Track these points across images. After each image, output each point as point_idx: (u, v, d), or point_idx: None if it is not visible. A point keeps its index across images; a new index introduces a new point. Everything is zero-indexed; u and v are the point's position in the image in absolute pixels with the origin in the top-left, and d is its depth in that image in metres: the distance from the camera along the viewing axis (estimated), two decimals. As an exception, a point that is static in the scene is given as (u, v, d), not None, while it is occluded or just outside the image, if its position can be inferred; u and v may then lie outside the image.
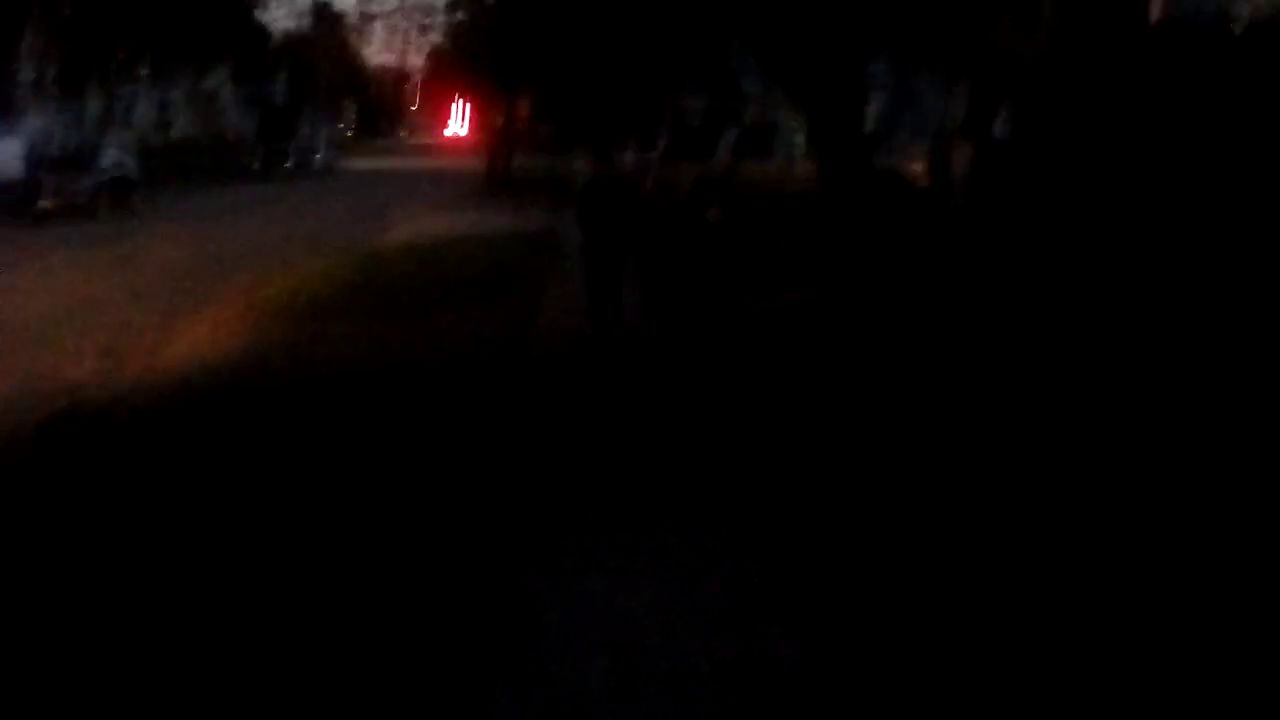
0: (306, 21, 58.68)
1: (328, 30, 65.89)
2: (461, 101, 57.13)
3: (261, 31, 53.70)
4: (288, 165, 45.72)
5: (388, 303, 13.27)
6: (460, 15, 35.56)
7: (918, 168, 22.13)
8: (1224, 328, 8.75)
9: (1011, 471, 6.33)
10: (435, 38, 48.16)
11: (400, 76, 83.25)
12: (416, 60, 72.56)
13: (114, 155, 30.53)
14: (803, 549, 5.35)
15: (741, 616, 4.65)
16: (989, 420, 7.37)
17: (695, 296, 12.30)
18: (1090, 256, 11.66)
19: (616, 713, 3.91)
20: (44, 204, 26.41)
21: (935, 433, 7.16)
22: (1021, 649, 4.28)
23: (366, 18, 41.23)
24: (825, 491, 6.17)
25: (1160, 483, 6.00)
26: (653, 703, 3.97)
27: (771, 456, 6.84)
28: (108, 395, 9.12)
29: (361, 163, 52.87)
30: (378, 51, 71.20)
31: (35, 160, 31.25)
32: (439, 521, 5.85)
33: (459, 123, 73.36)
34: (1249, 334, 8.49)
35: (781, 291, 12.67)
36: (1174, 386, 7.70)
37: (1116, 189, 12.22)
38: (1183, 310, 9.38)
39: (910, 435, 7.13)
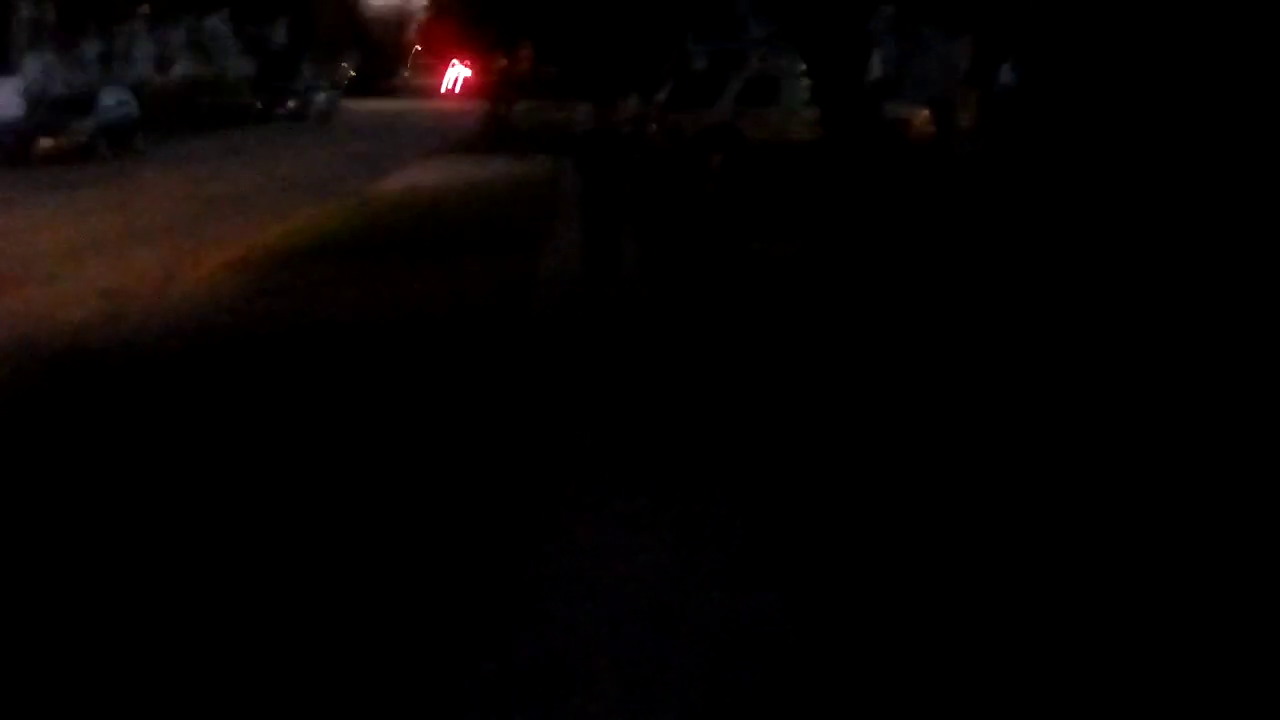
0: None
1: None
2: (463, 45, 56.63)
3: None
4: (289, 107, 45.31)
5: (381, 258, 13.19)
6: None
7: (924, 116, 21.99)
8: (1230, 282, 8.71)
9: (1007, 428, 6.31)
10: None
11: (403, 17, 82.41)
12: (418, 2, 71.79)
13: (115, 96, 30.31)
14: (795, 509, 5.34)
15: (733, 575, 4.65)
16: (983, 371, 7.35)
17: (696, 244, 12.25)
18: (1097, 204, 11.60)
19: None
20: (44, 145, 26.26)
21: (931, 386, 7.14)
22: (1008, 620, 4.28)
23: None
24: (817, 448, 6.16)
25: (1158, 427, 5.99)
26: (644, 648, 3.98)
27: (766, 413, 6.82)
28: (107, 337, 9.12)
29: (363, 105, 52.52)
30: (379, -7, 70.44)
31: (34, 101, 31.09)
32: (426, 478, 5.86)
33: (461, 66, 72.70)
34: (1253, 286, 8.45)
35: (783, 238, 12.61)
36: (1177, 342, 7.67)
37: (1123, 136, 12.13)
38: (1189, 261, 9.34)
39: (905, 389, 7.11)
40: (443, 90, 71.59)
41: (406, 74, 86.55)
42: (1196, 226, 9.89)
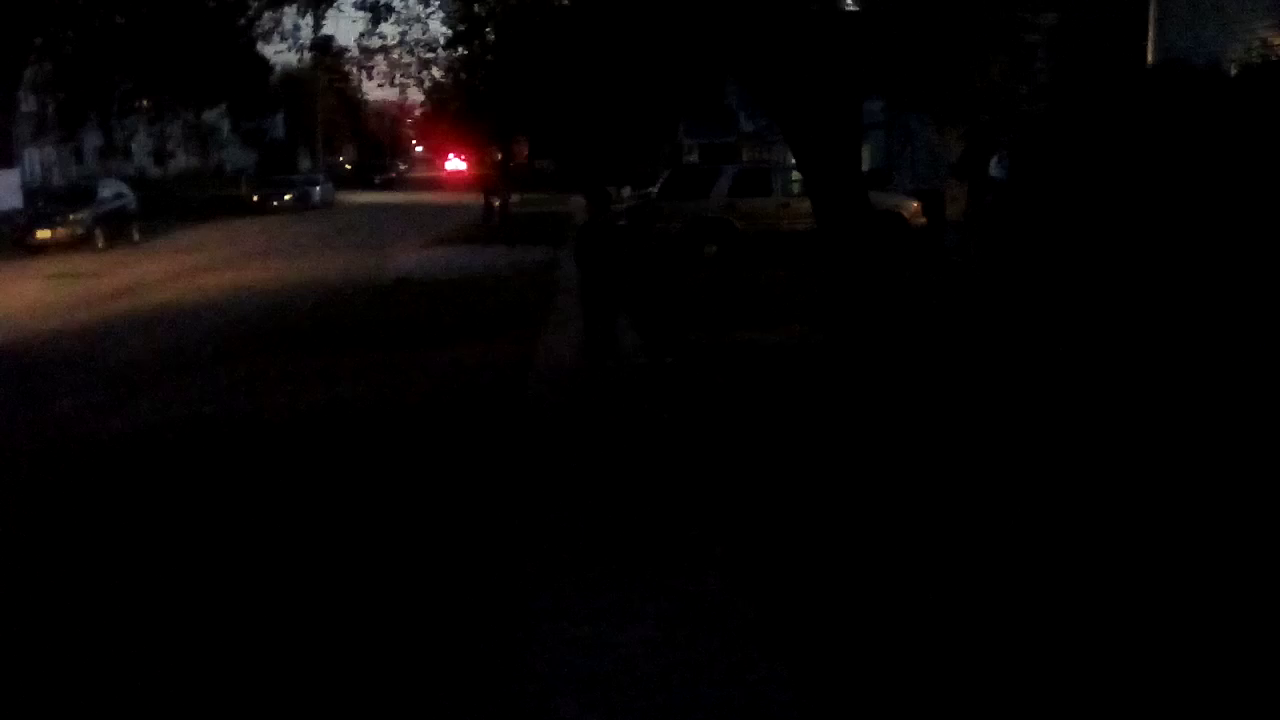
0: (308, 56, 58.97)
1: (328, 65, 66.21)
2: (461, 138, 57.37)
3: (262, 66, 53.95)
4: (286, 199, 45.75)
5: (382, 340, 13.24)
6: (460, 51, 35.81)
7: (914, 207, 22.24)
8: (1217, 368, 8.75)
9: (1000, 509, 6.29)
10: (436, 73, 48.47)
11: (400, 112, 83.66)
12: (417, 96, 72.94)
13: (113, 188, 30.68)
14: (791, 586, 5.30)
15: (733, 656, 4.60)
16: (983, 457, 7.35)
17: (691, 331, 12.31)
18: (1085, 296, 11.68)
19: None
20: (42, 234, 26.50)
21: (928, 469, 7.12)
22: (1025, 696, 4.24)
23: (368, 52, 41.32)
24: (813, 525, 6.13)
25: (1146, 526, 5.97)
26: None
27: (761, 492, 6.80)
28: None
29: (360, 197, 53.07)
30: (377, 86, 71.61)
31: (34, 192, 31.45)
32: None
33: (458, 159, 73.57)
34: (1242, 377, 8.49)
35: (777, 327, 12.67)
36: (1164, 424, 7.69)
37: (1112, 230, 12.25)
38: (1177, 350, 9.39)
39: (900, 471, 7.09)
40: (446, 169, 72.47)
41: (403, 169, 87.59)
42: (1187, 315, 9.97)
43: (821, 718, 4.10)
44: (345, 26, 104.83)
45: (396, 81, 53.83)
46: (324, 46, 62.16)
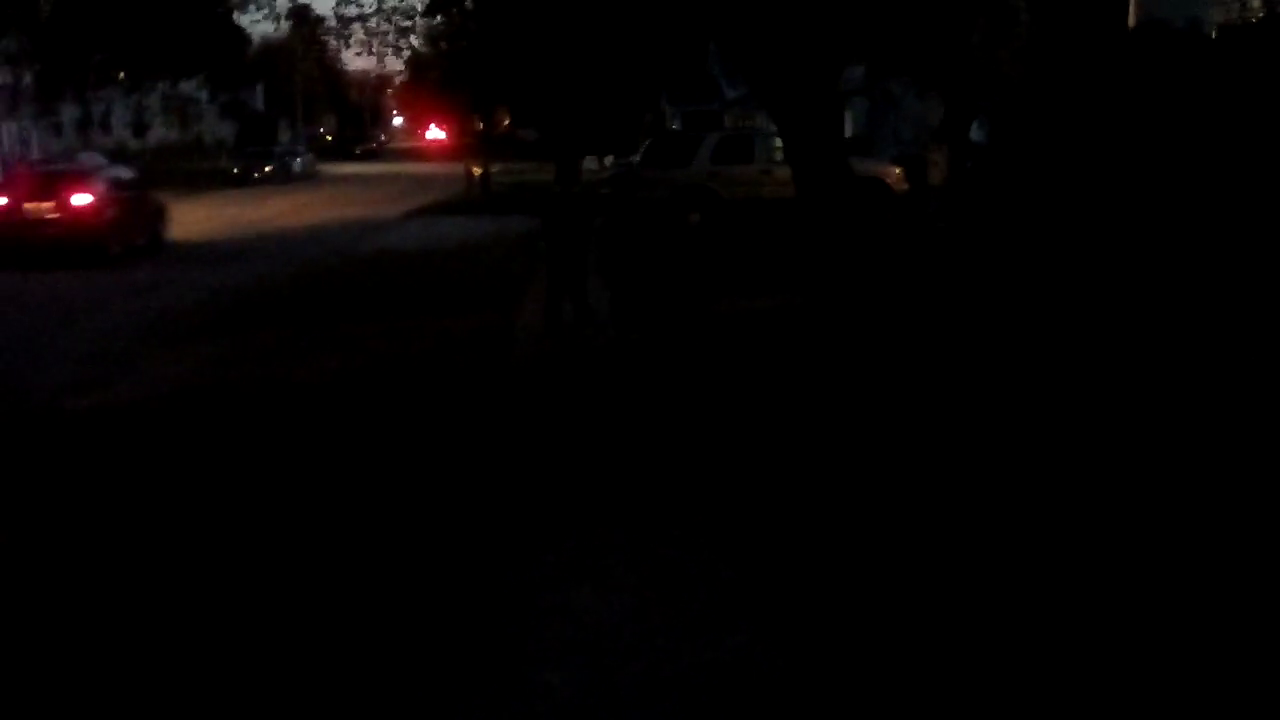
0: (285, 25, 58.48)
1: (306, 34, 65.69)
2: (441, 107, 57.04)
3: (239, 37, 53.51)
4: (267, 171, 45.42)
5: (361, 310, 13.21)
6: (439, 19, 35.56)
7: (896, 173, 22.25)
8: (1204, 328, 8.78)
9: (982, 478, 6.33)
10: (415, 41, 48.14)
11: (380, 81, 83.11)
12: (396, 65, 72.44)
13: (92, 162, 30.42)
14: (776, 551, 5.33)
15: (715, 622, 4.63)
16: (964, 424, 7.38)
17: (672, 301, 12.30)
18: (1068, 260, 11.69)
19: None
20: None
21: (908, 437, 7.15)
22: (998, 660, 4.27)
23: (345, 20, 41.02)
24: (797, 490, 6.16)
25: (1142, 488, 6.01)
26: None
27: (743, 458, 6.82)
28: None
29: (342, 168, 52.77)
30: (357, 56, 71.06)
31: (12, 166, 31.21)
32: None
33: (439, 129, 73.21)
34: (1229, 335, 8.53)
35: (759, 296, 12.67)
36: (1152, 388, 7.72)
37: (1094, 193, 12.26)
38: (1162, 313, 9.42)
39: (883, 439, 7.12)
40: (426, 139, 72.11)
41: (384, 139, 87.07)
42: (1170, 278, 10.00)
43: (804, 680, 4.14)
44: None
45: (374, 50, 53.51)
46: (301, 15, 61.65)
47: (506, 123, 44.90)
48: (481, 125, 39.09)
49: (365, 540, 5.70)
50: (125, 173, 22.74)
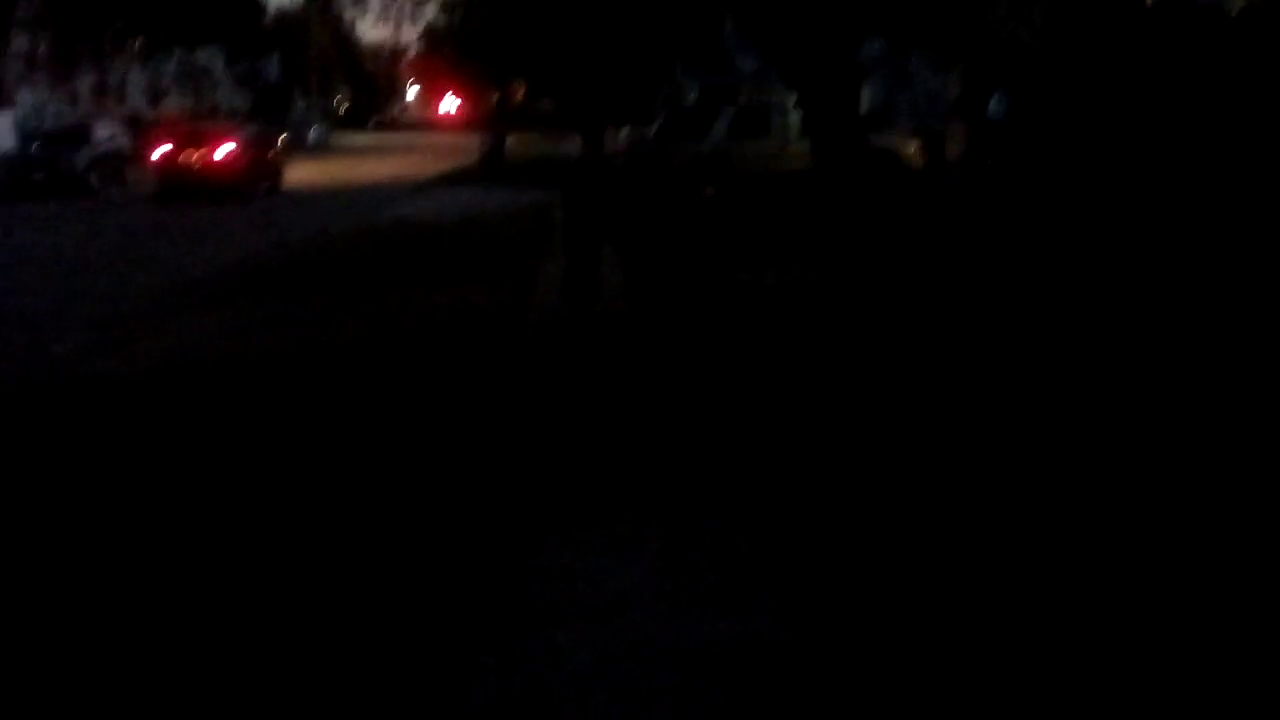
0: (301, -4, 58.39)
1: (322, 5, 65.51)
2: (457, 79, 56.85)
3: (255, 6, 53.40)
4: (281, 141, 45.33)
5: (375, 280, 13.25)
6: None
7: (913, 147, 22.15)
8: (1215, 307, 8.77)
9: (999, 450, 6.34)
10: (430, 12, 47.93)
11: (395, 53, 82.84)
12: (411, 35, 72.12)
13: (107, 130, 30.44)
14: (787, 528, 5.36)
15: (729, 591, 4.66)
16: (978, 397, 7.38)
17: (686, 274, 12.30)
18: (1082, 233, 11.67)
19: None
20: (36, 177, 26.35)
21: (923, 412, 7.16)
22: (1008, 642, 4.30)
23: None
24: (812, 461, 6.17)
25: (1154, 461, 6.02)
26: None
27: (753, 434, 6.84)
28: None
29: (356, 139, 52.71)
30: (372, 27, 70.87)
31: (28, 135, 31.21)
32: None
33: (455, 100, 73.01)
34: (1239, 311, 8.52)
35: (775, 269, 12.66)
36: (1165, 361, 7.72)
37: (1110, 168, 12.22)
38: (1175, 287, 9.40)
39: (897, 413, 7.13)
40: (441, 112, 71.99)
41: (399, 110, 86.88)
42: (1184, 251, 9.97)
43: (814, 651, 4.17)
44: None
45: (392, 17, 53.37)
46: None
47: (522, 94, 44.75)
48: (498, 96, 38.96)
49: (383, 505, 5.75)
50: (256, 131, 28.84)
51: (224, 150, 24.79)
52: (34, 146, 28.77)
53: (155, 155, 25.27)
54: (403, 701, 3.88)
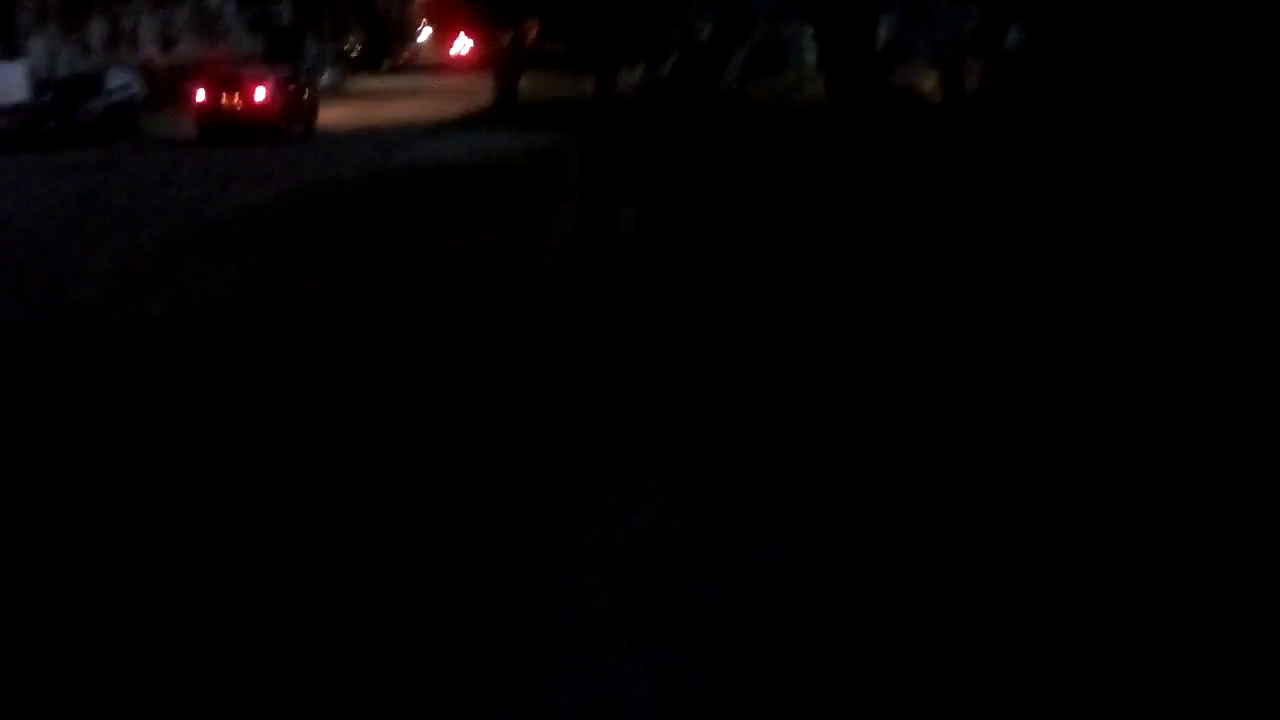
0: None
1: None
2: (470, 19, 56.38)
3: (266, -50, 52.93)
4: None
5: (387, 224, 13.26)
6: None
7: (930, 84, 21.86)
8: (1235, 256, 8.67)
9: (1012, 394, 6.32)
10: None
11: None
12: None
13: (120, 78, 30.30)
14: (804, 468, 5.37)
15: (743, 537, 4.68)
16: (991, 340, 7.35)
17: (702, 215, 12.23)
18: (1102, 172, 11.54)
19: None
20: (50, 126, 26.28)
21: (936, 354, 7.14)
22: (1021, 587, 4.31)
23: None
24: (826, 408, 6.17)
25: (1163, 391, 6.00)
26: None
27: (770, 376, 6.83)
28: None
29: (369, 82, 52.46)
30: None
31: (40, 83, 31.08)
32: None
33: (467, 41, 72.43)
34: (1258, 260, 8.42)
35: (790, 208, 12.57)
36: (1183, 307, 7.66)
37: (1129, 103, 12.06)
38: (1194, 231, 9.30)
39: (915, 355, 7.12)
40: (453, 54, 71.48)
41: (411, 51, 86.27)
42: (1204, 193, 9.84)
43: (829, 597, 4.18)
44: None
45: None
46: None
47: (534, 33, 44.30)
48: (510, 37, 38.53)
49: (396, 446, 5.78)
50: (293, 73, 30.39)
51: (263, 92, 26.29)
52: (47, 95, 28.67)
53: (197, 98, 26.75)
54: (407, 642, 3.91)
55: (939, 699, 3.51)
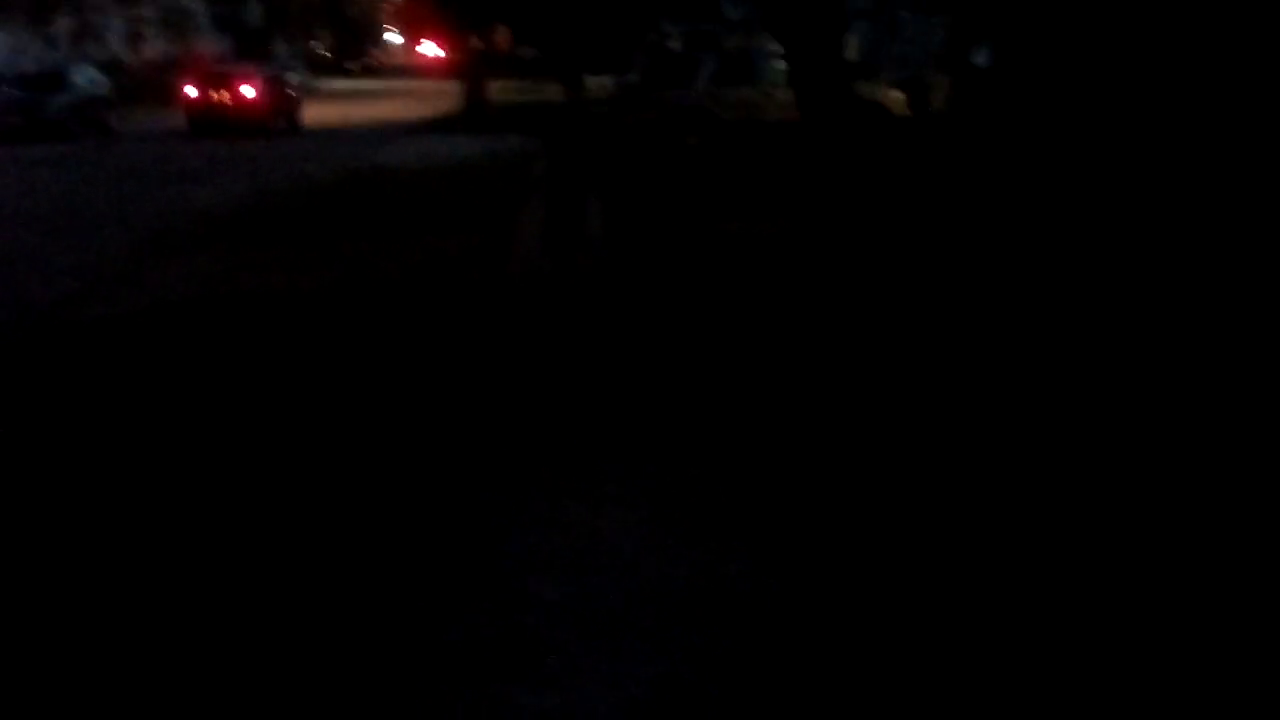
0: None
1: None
2: (438, 23, 56.26)
3: (235, -52, 52.60)
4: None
5: (355, 227, 13.21)
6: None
7: (898, 98, 22.08)
8: (1205, 267, 8.80)
9: (975, 403, 6.41)
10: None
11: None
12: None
13: (87, 74, 30.05)
14: (771, 475, 5.42)
15: (706, 544, 4.73)
16: (958, 349, 7.44)
17: (669, 224, 12.29)
18: (1068, 186, 11.67)
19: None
20: (13, 121, 26.02)
21: (902, 364, 7.22)
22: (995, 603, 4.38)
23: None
24: (795, 414, 6.24)
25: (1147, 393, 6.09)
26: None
27: (736, 384, 6.89)
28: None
29: (335, 84, 52.18)
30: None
31: (6, 79, 30.73)
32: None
33: (435, 45, 72.23)
34: (1228, 271, 8.55)
35: (758, 219, 12.66)
36: (1153, 321, 7.78)
37: (1097, 121, 12.20)
38: (1164, 244, 9.42)
39: (877, 365, 7.19)
40: (423, 56, 71.24)
41: (382, 56, 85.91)
42: (1175, 206, 9.97)
43: (790, 605, 4.24)
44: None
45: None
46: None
47: (505, 41, 44.34)
48: (480, 42, 38.50)
49: (361, 450, 5.80)
50: (278, 72, 31.87)
51: (251, 90, 27.82)
52: (8, 91, 28.34)
53: (188, 94, 28.33)
54: (378, 635, 3.95)
55: (903, 701, 3.58)
